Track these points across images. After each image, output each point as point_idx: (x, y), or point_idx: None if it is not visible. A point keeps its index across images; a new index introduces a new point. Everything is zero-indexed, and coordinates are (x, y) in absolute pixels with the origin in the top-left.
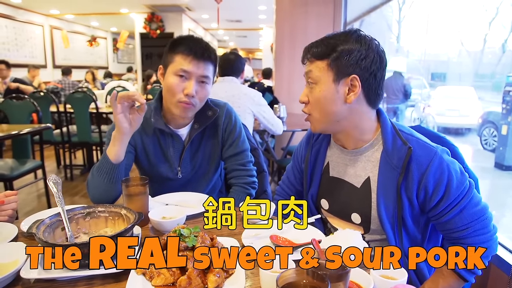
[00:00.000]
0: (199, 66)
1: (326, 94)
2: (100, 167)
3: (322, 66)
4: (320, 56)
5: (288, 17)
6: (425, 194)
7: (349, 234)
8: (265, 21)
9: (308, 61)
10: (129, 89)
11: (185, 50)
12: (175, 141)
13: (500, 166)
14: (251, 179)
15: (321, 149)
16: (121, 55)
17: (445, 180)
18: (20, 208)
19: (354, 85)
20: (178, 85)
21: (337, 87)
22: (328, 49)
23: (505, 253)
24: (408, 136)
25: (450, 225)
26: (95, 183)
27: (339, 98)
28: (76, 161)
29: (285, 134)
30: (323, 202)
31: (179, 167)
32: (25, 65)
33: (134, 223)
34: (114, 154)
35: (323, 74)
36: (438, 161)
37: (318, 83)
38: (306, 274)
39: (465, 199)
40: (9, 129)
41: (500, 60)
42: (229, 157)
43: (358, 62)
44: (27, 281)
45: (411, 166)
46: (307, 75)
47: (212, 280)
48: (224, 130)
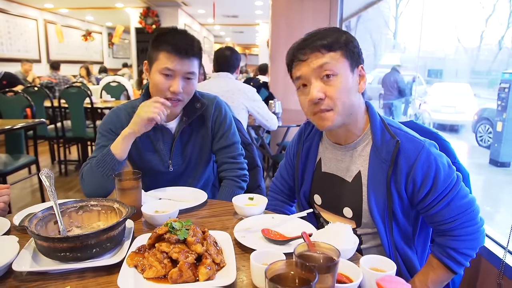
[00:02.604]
0: (184, 64)
1: (347, 85)
2: (102, 162)
3: (337, 57)
4: (333, 46)
5: (284, 12)
6: (413, 187)
7: (340, 228)
8: (262, 16)
9: (320, 52)
10: (125, 84)
11: (168, 48)
12: (165, 135)
13: (495, 163)
14: (241, 172)
15: (313, 145)
16: (117, 50)
17: (432, 172)
18: (13, 203)
19: (362, 74)
20: (164, 83)
21: (353, 76)
22: (339, 40)
23: (495, 246)
24: (397, 130)
25: (438, 218)
26: (93, 178)
27: (355, 87)
28: (71, 156)
29: (280, 130)
30: (316, 198)
31: (170, 160)
32: (19, 59)
33: (127, 216)
34: (122, 151)
35: (342, 64)
36: (426, 154)
37: (338, 74)
38: (295, 266)
39: (452, 192)
40: (2, 124)
41: (496, 57)
42: (219, 149)
43: (360, 55)
44: (19, 273)
45: (400, 159)
46: (322, 68)
47: (203, 272)
48: (214, 122)
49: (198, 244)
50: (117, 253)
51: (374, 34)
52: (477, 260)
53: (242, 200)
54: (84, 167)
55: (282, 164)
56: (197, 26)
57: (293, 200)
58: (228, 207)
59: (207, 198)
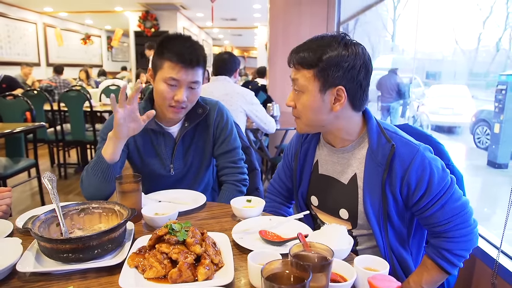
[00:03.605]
0: (188, 74)
1: (312, 104)
2: (95, 166)
3: (308, 76)
4: (307, 65)
5: (281, 16)
6: (408, 190)
7: (335, 229)
8: (260, 19)
9: (295, 68)
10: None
11: (173, 57)
12: (167, 139)
13: (492, 164)
14: (242, 176)
15: (310, 148)
16: (116, 54)
17: (427, 176)
18: (14, 206)
19: (340, 95)
20: (168, 92)
21: (323, 96)
22: (315, 57)
23: (489, 247)
24: (392, 134)
25: (432, 220)
26: (89, 181)
27: (325, 107)
28: (70, 159)
29: (279, 133)
30: (313, 199)
31: (171, 164)
32: (18, 63)
33: (127, 219)
34: (110, 154)
35: (309, 84)
36: (420, 158)
37: (305, 92)
38: (290, 265)
39: (446, 195)
40: (2, 128)
41: (494, 59)
42: (220, 154)
43: (345, 74)
44: (23, 274)
45: (395, 162)
46: (294, 82)
47: (202, 272)
48: (215, 128)
49: (197, 245)
50: (118, 254)
51: (372, 36)
52: (471, 260)
53: (240, 202)
54: (84, 172)
55: (280, 166)
56: (196, 29)
57: (291, 202)
58: (227, 209)
59: (206, 201)
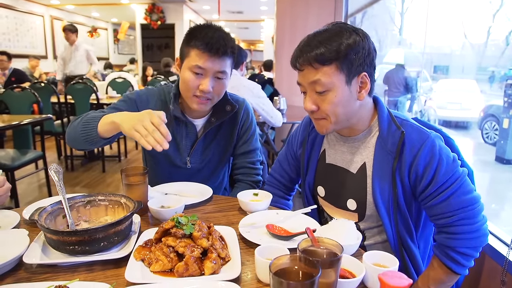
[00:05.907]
0: (215, 63)
1: (341, 98)
2: (86, 125)
3: (331, 71)
4: (327, 60)
5: (289, 8)
6: (416, 177)
7: (343, 224)
8: (267, 12)
9: (313, 68)
10: (130, 80)
11: (200, 45)
12: (189, 130)
13: (501, 160)
14: (258, 178)
15: (318, 137)
16: (122, 46)
17: (435, 163)
18: (21, 198)
19: (364, 82)
20: (193, 81)
21: (350, 87)
22: (333, 50)
23: (499, 244)
24: (403, 121)
25: (437, 210)
26: (75, 132)
27: (353, 98)
28: (77, 152)
29: (285, 126)
30: (319, 189)
31: (188, 156)
32: (26, 55)
33: (133, 211)
34: (103, 131)
35: (335, 79)
36: (430, 145)
37: (332, 89)
38: (299, 261)
39: (454, 186)
40: (10, 120)
41: (504, 53)
42: (240, 154)
43: (365, 59)
44: (30, 266)
45: (404, 149)
46: (314, 85)
47: (208, 266)
48: (241, 127)
49: (203, 239)
50: (125, 247)
51: (379, 30)
52: (480, 257)
53: (247, 196)
54: (77, 119)
55: (282, 156)
56: (202, 22)
57: (290, 193)
58: (233, 203)
59: (212, 194)
